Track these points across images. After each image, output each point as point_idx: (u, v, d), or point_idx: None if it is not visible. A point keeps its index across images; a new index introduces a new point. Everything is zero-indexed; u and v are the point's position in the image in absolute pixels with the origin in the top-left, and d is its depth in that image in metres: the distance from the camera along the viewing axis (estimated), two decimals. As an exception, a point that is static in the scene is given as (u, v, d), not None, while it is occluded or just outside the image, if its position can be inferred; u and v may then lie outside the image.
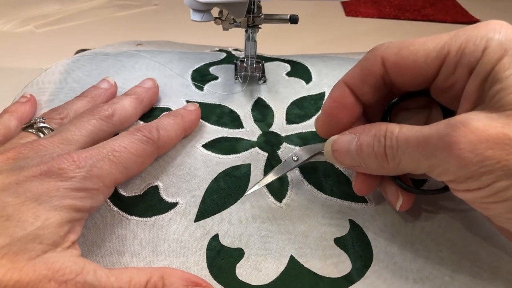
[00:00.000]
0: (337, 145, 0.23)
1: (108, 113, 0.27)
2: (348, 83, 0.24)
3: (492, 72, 0.19)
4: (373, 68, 0.23)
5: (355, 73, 0.23)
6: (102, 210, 0.25)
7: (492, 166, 0.17)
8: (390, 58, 0.22)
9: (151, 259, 0.23)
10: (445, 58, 0.21)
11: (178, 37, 0.49)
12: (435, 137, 0.19)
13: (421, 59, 0.21)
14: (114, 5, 0.72)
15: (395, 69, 0.22)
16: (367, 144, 0.22)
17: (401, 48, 0.22)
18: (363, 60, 0.23)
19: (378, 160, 0.21)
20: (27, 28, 0.64)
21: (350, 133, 0.23)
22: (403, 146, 0.20)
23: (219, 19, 0.31)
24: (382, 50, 0.22)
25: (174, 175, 0.27)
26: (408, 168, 0.21)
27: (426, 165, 0.20)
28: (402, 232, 0.25)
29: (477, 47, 0.20)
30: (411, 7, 0.77)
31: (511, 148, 0.17)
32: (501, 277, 0.23)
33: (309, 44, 0.63)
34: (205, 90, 0.33)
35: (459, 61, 0.20)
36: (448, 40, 0.21)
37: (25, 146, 0.23)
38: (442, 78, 0.21)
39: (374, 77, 0.23)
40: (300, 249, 0.24)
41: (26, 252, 0.19)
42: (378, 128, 0.22)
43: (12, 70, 0.52)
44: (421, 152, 0.20)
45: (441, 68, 0.21)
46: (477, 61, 0.20)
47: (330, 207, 0.26)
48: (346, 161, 0.23)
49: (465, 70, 0.20)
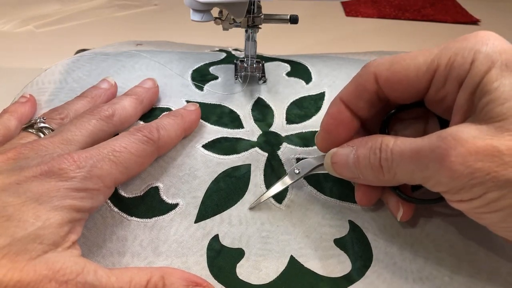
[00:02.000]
0: (336, 157, 0.24)
1: (108, 113, 0.27)
2: (343, 100, 0.24)
3: (481, 84, 0.19)
4: (366, 85, 0.23)
5: (350, 90, 0.24)
6: (103, 211, 0.25)
7: (482, 177, 0.18)
8: (382, 74, 0.22)
9: (152, 259, 0.24)
10: (435, 72, 0.21)
11: (178, 37, 0.49)
12: (428, 150, 0.19)
13: (412, 73, 0.21)
14: (114, 5, 0.72)
15: (387, 85, 0.22)
16: (364, 156, 0.22)
17: (393, 63, 0.22)
18: (357, 77, 0.24)
19: (374, 172, 0.22)
20: (27, 28, 0.64)
21: (348, 146, 0.24)
22: (398, 159, 0.21)
23: (219, 19, 0.31)
24: (374, 66, 0.22)
25: (174, 176, 0.27)
26: (404, 179, 0.21)
27: (420, 176, 0.20)
28: (402, 233, 0.25)
29: (465, 60, 0.20)
30: (411, 7, 0.77)
31: (500, 160, 0.17)
32: (500, 278, 0.23)
33: (309, 44, 0.63)
34: (205, 90, 0.33)
35: (449, 74, 0.20)
36: (438, 54, 0.21)
37: (25, 146, 0.23)
38: (434, 91, 0.21)
39: (368, 94, 0.23)
40: (300, 249, 0.24)
41: (27, 252, 0.19)
42: (374, 140, 0.22)
43: (12, 70, 0.52)
44: (414, 164, 0.20)
45: (432, 81, 0.21)
46: (466, 73, 0.20)
47: (330, 208, 0.26)
48: (345, 173, 0.24)
49: (455, 83, 0.20)
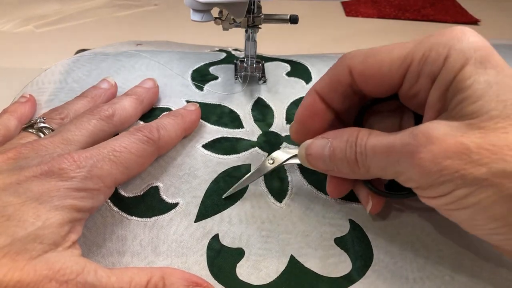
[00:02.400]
0: (310, 149, 0.24)
1: (109, 113, 0.27)
2: (318, 92, 0.24)
3: (454, 81, 0.19)
4: (340, 77, 0.23)
5: (325, 82, 0.24)
6: (103, 210, 0.25)
7: (451, 175, 0.18)
8: (356, 67, 0.22)
9: (152, 259, 0.23)
10: (408, 67, 0.20)
11: (178, 37, 0.49)
12: (399, 146, 0.19)
13: (386, 68, 0.21)
14: (114, 5, 0.72)
15: (361, 78, 0.22)
16: (340, 149, 0.22)
17: (367, 56, 0.22)
18: (332, 69, 0.23)
19: (350, 166, 0.22)
20: (27, 28, 0.64)
21: (323, 138, 0.23)
22: (371, 154, 0.21)
23: (219, 19, 0.31)
24: (349, 58, 0.22)
25: (174, 176, 0.27)
26: (377, 173, 0.21)
27: (392, 171, 0.20)
28: (402, 232, 0.25)
29: (439, 56, 0.19)
30: (411, 7, 0.77)
31: (468, 158, 0.17)
32: (501, 277, 0.23)
33: (309, 44, 0.63)
34: (205, 90, 0.33)
35: (422, 70, 0.20)
36: (413, 48, 0.20)
37: (26, 146, 0.23)
38: (407, 87, 0.21)
39: (342, 86, 0.23)
40: (300, 248, 0.24)
41: (27, 252, 0.19)
42: (350, 133, 0.22)
43: (12, 70, 0.52)
44: (386, 159, 0.20)
45: (405, 76, 0.21)
46: (439, 70, 0.19)
47: (330, 207, 0.26)
48: (319, 165, 0.24)
49: (428, 79, 0.20)
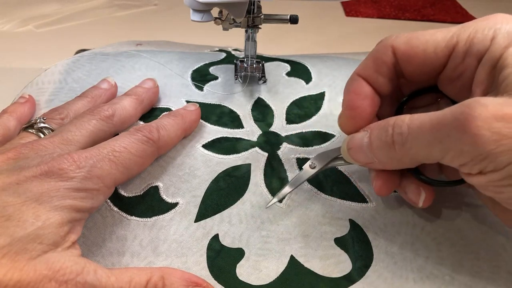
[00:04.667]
0: (351, 143, 0.23)
1: (109, 113, 0.27)
2: (362, 75, 0.24)
3: (501, 59, 0.19)
4: (384, 57, 0.23)
5: (368, 64, 0.24)
6: (103, 210, 0.25)
7: (510, 145, 0.17)
8: (400, 47, 0.22)
9: (152, 259, 0.23)
10: (454, 48, 0.21)
11: (178, 37, 0.49)
12: (450, 117, 0.18)
13: (431, 48, 0.21)
14: (114, 5, 0.72)
15: (405, 58, 0.22)
16: (375, 136, 0.22)
17: (411, 38, 0.22)
18: (374, 51, 0.24)
19: (386, 151, 0.21)
20: (27, 28, 0.64)
21: (363, 130, 0.23)
22: (416, 132, 0.20)
23: (219, 19, 0.31)
24: (392, 39, 0.23)
25: (174, 175, 0.27)
26: (419, 155, 0.20)
27: (438, 149, 0.19)
28: (402, 232, 0.25)
29: (485, 37, 0.20)
30: (411, 7, 0.77)
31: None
32: (501, 277, 0.23)
33: (309, 44, 0.63)
34: (205, 90, 0.33)
35: (468, 50, 0.21)
36: (457, 31, 0.21)
37: (26, 146, 0.23)
38: (451, 68, 0.22)
39: (386, 67, 0.23)
40: (300, 249, 0.24)
41: (27, 252, 0.19)
42: (386, 120, 0.22)
43: (12, 70, 0.52)
44: (434, 135, 0.19)
45: (450, 57, 0.21)
46: (486, 49, 0.20)
47: (330, 207, 0.26)
48: (361, 158, 0.23)
49: (474, 59, 0.21)
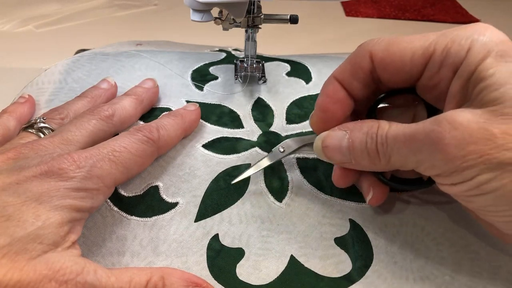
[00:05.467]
0: (327, 141, 0.24)
1: (108, 113, 0.27)
2: (338, 79, 0.24)
3: (476, 72, 0.19)
4: (362, 63, 0.23)
5: (345, 68, 0.24)
6: (103, 210, 0.25)
7: (474, 160, 0.18)
8: (378, 54, 0.22)
9: (152, 259, 0.23)
10: (430, 57, 0.21)
11: (178, 37, 0.49)
12: (422, 133, 0.19)
13: (407, 56, 0.21)
14: (114, 5, 0.72)
15: (382, 65, 0.22)
16: (360, 141, 0.22)
17: (389, 44, 0.22)
18: (353, 55, 0.24)
19: (370, 157, 0.22)
20: (27, 28, 0.64)
21: (340, 130, 0.23)
22: (392, 143, 0.21)
23: (219, 19, 0.31)
24: (371, 45, 0.23)
25: (174, 175, 0.27)
26: (397, 164, 0.21)
27: (413, 160, 0.20)
28: (402, 232, 0.25)
29: (461, 48, 0.20)
30: (411, 7, 0.77)
31: (492, 143, 0.17)
32: (501, 277, 0.23)
33: (309, 44, 0.63)
34: (205, 90, 0.33)
35: (444, 60, 0.21)
36: (435, 39, 0.21)
37: (25, 146, 0.23)
38: (427, 77, 0.22)
39: (363, 72, 0.23)
40: (300, 248, 0.24)
41: (27, 252, 0.19)
42: (370, 125, 0.22)
43: (12, 70, 0.52)
44: (408, 148, 0.20)
45: (426, 66, 0.21)
46: (461, 61, 0.20)
47: (331, 207, 0.26)
48: (336, 158, 0.23)
49: (450, 69, 0.21)
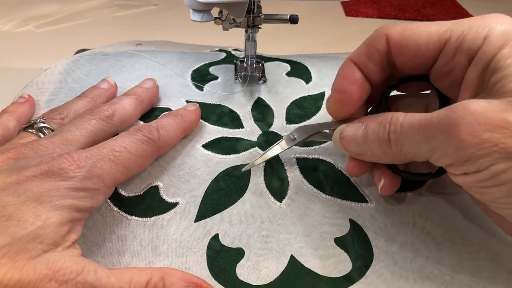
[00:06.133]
0: (344, 132, 0.24)
1: (108, 113, 0.27)
2: (354, 61, 0.24)
3: (493, 61, 0.19)
4: (377, 45, 0.23)
5: (361, 50, 0.24)
6: (103, 210, 0.25)
7: (489, 148, 0.17)
8: (394, 36, 0.22)
9: (152, 259, 0.23)
10: (446, 43, 0.21)
11: (178, 37, 0.49)
12: (436, 120, 0.19)
13: (423, 40, 0.22)
14: (114, 5, 0.72)
15: (398, 48, 0.22)
16: (373, 130, 0.22)
17: (406, 28, 0.22)
18: (369, 38, 0.24)
19: (382, 146, 0.22)
20: (27, 28, 0.64)
21: (358, 122, 0.24)
22: (407, 131, 0.20)
23: (219, 19, 0.31)
24: (387, 29, 0.23)
25: (174, 175, 0.27)
26: (410, 152, 0.21)
27: (426, 148, 0.20)
28: (403, 232, 0.25)
29: (478, 35, 0.20)
30: (411, 7, 0.77)
31: (508, 132, 0.17)
32: (501, 276, 0.23)
33: (309, 44, 0.63)
34: (205, 90, 0.33)
35: (459, 47, 0.21)
36: (451, 26, 0.21)
37: (25, 146, 0.23)
38: (442, 63, 0.22)
39: (379, 54, 0.23)
40: (300, 248, 0.24)
41: (27, 252, 0.19)
42: (384, 116, 0.22)
43: (12, 70, 0.52)
44: (422, 135, 0.20)
45: (441, 52, 0.21)
46: (477, 48, 0.20)
47: (330, 207, 0.26)
48: (353, 148, 0.24)
49: (464, 56, 0.21)
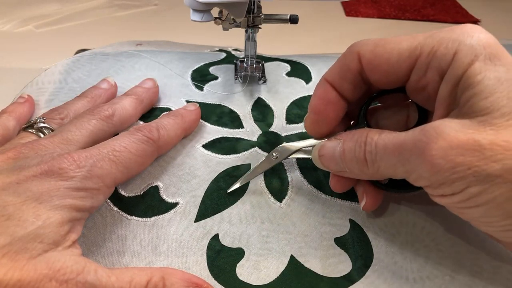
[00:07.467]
0: (323, 150, 0.24)
1: (108, 113, 0.27)
2: (329, 80, 0.24)
3: (463, 77, 0.19)
4: (350, 64, 0.23)
5: (335, 69, 0.24)
6: (103, 210, 0.25)
7: (463, 172, 0.17)
8: (365, 55, 0.22)
9: (152, 259, 0.23)
10: (416, 60, 0.21)
11: (178, 37, 0.49)
12: (410, 143, 0.19)
13: (394, 58, 0.21)
14: (114, 5, 0.72)
15: (370, 67, 0.22)
16: (349, 149, 0.22)
17: (377, 45, 0.22)
18: (342, 57, 0.23)
19: (359, 165, 0.22)
20: (27, 28, 0.64)
21: (335, 139, 0.23)
22: (381, 152, 0.21)
23: (219, 19, 0.31)
24: (359, 46, 0.22)
25: (174, 175, 0.27)
26: (387, 173, 0.21)
27: (402, 170, 0.20)
28: (402, 232, 0.25)
29: (448, 51, 0.19)
30: (411, 7, 0.77)
31: (481, 154, 0.17)
32: (501, 277, 0.23)
33: (309, 44, 0.63)
34: (205, 90, 0.33)
35: (430, 63, 0.20)
36: (422, 41, 0.20)
37: (26, 146, 0.23)
38: (414, 79, 0.21)
39: (351, 74, 0.23)
40: (300, 248, 0.24)
41: (27, 251, 0.19)
42: (360, 134, 0.22)
43: (12, 70, 0.52)
44: (397, 158, 0.20)
45: (413, 69, 0.21)
46: (448, 64, 0.19)
47: (331, 207, 0.26)
48: (332, 166, 0.24)
49: (436, 73, 0.20)
